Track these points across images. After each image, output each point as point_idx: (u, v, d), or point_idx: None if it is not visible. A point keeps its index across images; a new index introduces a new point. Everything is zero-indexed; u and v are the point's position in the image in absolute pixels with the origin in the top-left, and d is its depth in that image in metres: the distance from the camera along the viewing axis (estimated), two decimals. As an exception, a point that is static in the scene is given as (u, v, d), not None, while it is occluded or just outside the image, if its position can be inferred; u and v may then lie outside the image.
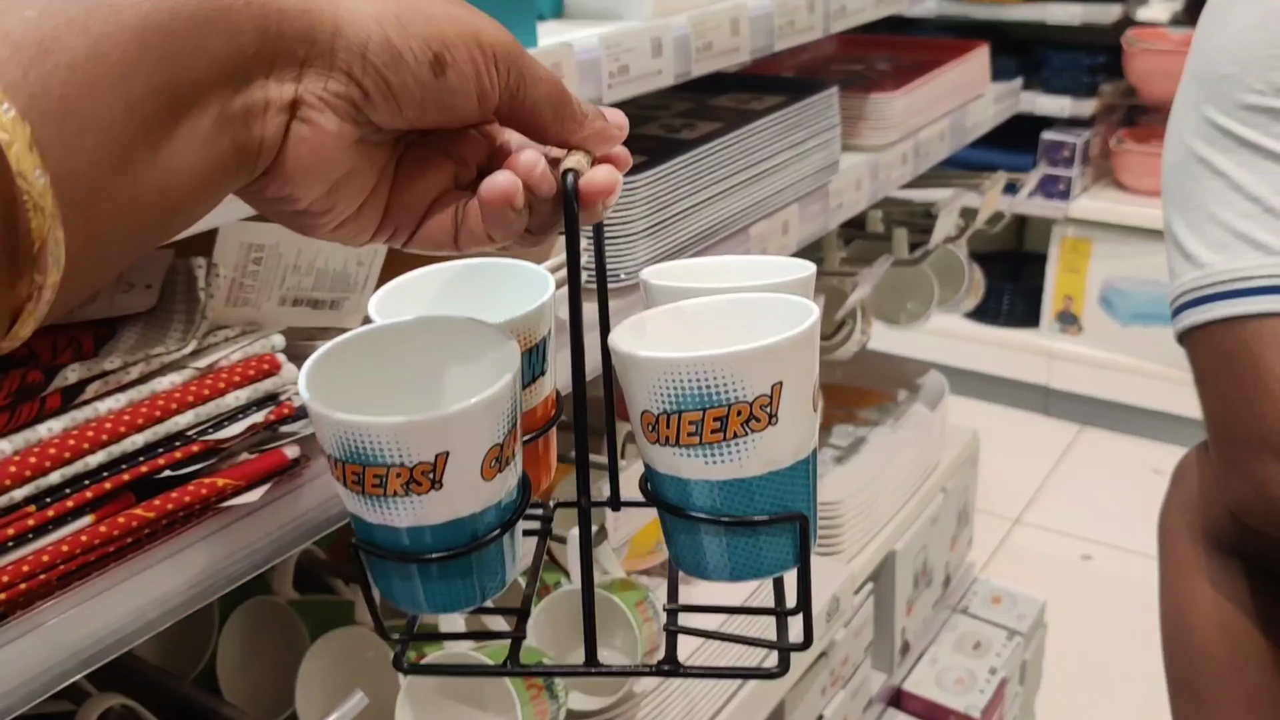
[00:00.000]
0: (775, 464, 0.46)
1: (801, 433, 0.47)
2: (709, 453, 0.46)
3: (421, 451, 0.43)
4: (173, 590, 0.66)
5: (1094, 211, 2.73)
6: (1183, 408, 2.70)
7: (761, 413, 0.45)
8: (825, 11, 1.14)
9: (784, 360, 0.45)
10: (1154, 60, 2.64)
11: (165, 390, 0.65)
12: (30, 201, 0.30)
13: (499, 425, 0.45)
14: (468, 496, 0.45)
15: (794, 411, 0.46)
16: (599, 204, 0.44)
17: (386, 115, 0.41)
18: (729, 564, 0.49)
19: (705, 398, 0.45)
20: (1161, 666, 1.03)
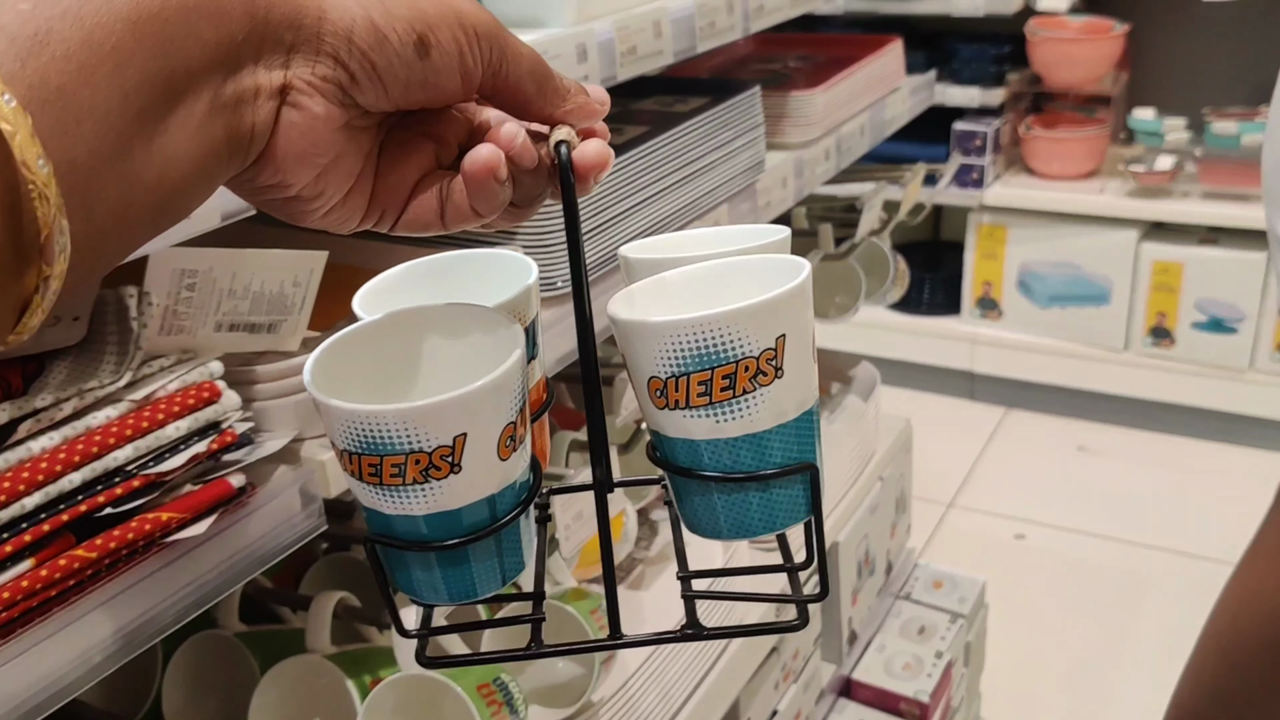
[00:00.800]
0: (783, 416, 0.47)
1: (806, 383, 0.48)
2: (720, 411, 0.46)
3: (440, 435, 0.43)
4: (118, 631, 0.64)
5: (1007, 198, 2.80)
6: (1102, 385, 2.79)
7: (768, 366, 0.46)
8: (744, 11, 1.15)
9: (786, 312, 0.46)
10: (1056, 48, 2.72)
11: (101, 425, 0.63)
12: (35, 191, 0.31)
13: (512, 403, 0.45)
14: (486, 477, 0.45)
15: (798, 362, 0.47)
16: (592, 177, 0.45)
17: (373, 97, 0.41)
18: (745, 521, 0.49)
19: (714, 356, 0.45)
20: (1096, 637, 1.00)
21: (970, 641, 1.78)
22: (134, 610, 0.65)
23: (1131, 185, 2.70)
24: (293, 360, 0.75)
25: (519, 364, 0.45)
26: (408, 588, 0.49)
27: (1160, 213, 2.65)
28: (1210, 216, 2.60)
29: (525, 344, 0.47)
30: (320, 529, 0.75)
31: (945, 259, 3.04)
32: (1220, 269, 2.60)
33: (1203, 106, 2.70)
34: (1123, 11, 2.78)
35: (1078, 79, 2.75)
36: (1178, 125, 2.69)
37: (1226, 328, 2.63)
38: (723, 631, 0.52)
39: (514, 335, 0.47)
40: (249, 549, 0.71)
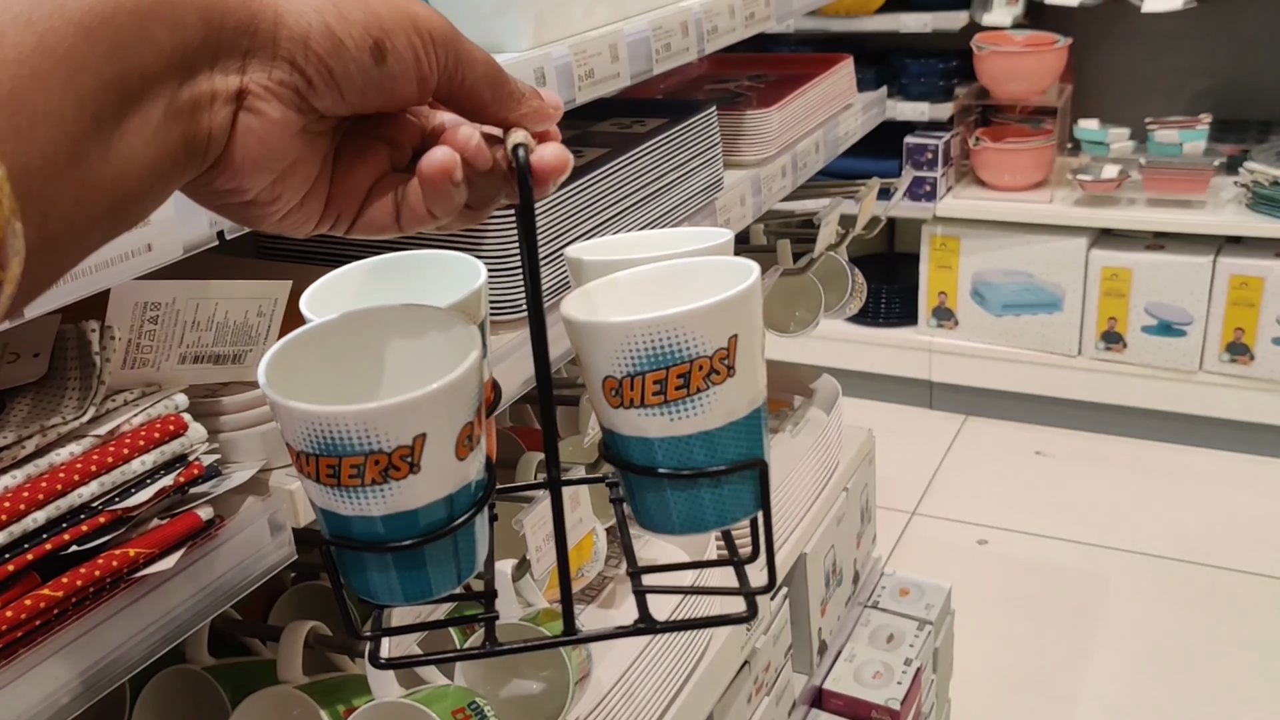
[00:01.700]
0: (735, 413, 0.48)
1: (756, 382, 0.49)
2: (674, 409, 0.47)
3: (400, 435, 0.43)
4: (86, 671, 0.63)
5: (959, 209, 2.84)
6: (1057, 390, 2.83)
7: (721, 365, 0.47)
8: (699, 33, 1.16)
9: (738, 312, 0.47)
10: (1001, 62, 2.77)
11: (65, 462, 0.63)
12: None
13: (470, 403, 0.46)
14: (445, 478, 0.45)
15: (749, 362, 0.48)
16: (551, 180, 0.46)
17: (330, 102, 0.42)
18: (698, 516, 0.50)
19: (668, 356, 0.46)
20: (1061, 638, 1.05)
21: (938, 648, 1.79)
22: (102, 649, 0.64)
23: (1079, 194, 2.75)
24: (259, 390, 0.74)
25: (476, 364, 0.45)
26: (364, 589, 0.48)
27: (1108, 220, 2.71)
28: (1156, 222, 2.66)
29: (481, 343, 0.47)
30: (290, 559, 0.75)
31: (900, 271, 3.08)
32: (1168, 273, 2.66)
33: (1145, 116, 2.76)
34: (1065, 25, 2.84)
35: (1023, 92, 2.81)
36: (1122, 135, 2.75)
37: (1175, 331, 2.69)
38: (675, 625, 0.53)
39: (470, 335, 0.47)
40: (218, 582, 0.70)
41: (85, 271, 0.61)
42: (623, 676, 1.09)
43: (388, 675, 0.87)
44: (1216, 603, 2.21)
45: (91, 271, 0.61)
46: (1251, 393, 2.63)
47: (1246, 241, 2.62)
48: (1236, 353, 2.63)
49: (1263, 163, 2.55)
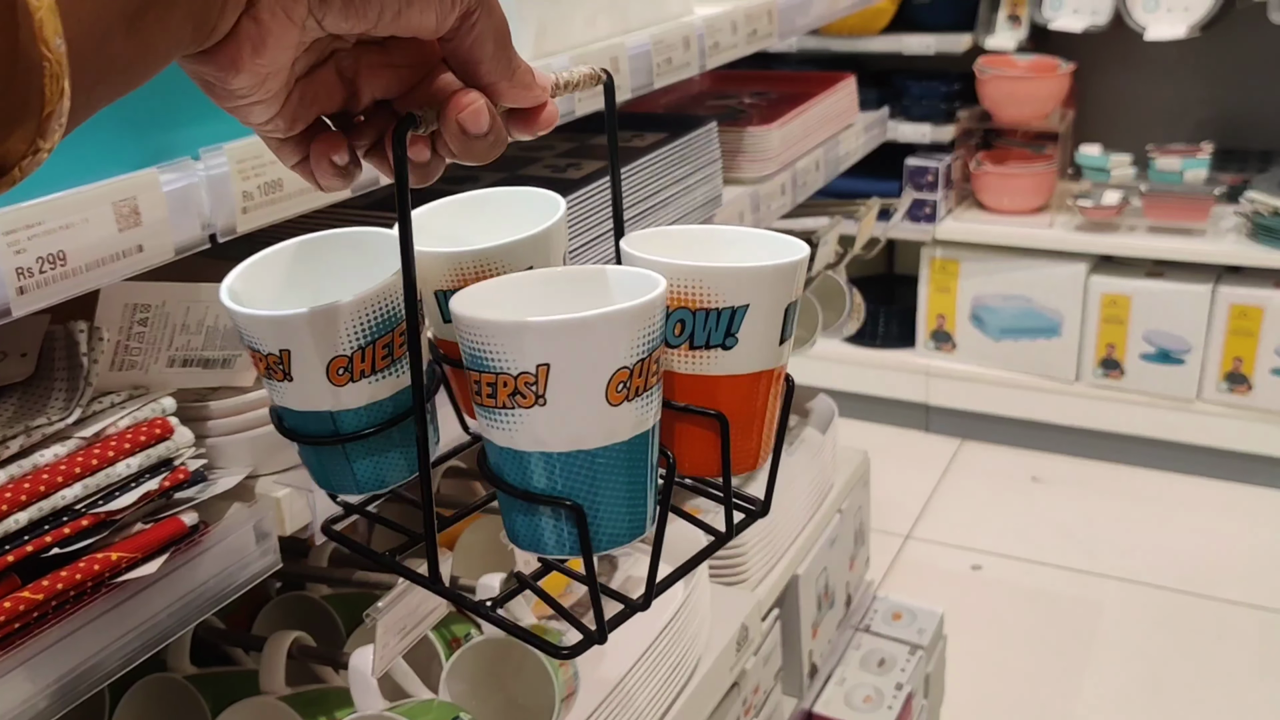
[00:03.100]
0: (546, 445, 0.47)
1: (585, 422, 0.46)
2: (488, 416, 0.48)
3: (270, 344, 0.51)
4: (65, 675, 0.62)
5: (959, 232, 2.84)
6: (1055, 416, 2.82)
7: (527, 390, 0.46)
8: (700, 48, 1.16)
9: (544, 343, 0.45)
10: (1004, 86, 2.77)
11: (49, 463, 0.62)
12: (50, 69, 0.31)
13: (343, 339, 0.51)
14: (318, 394, 0.52)
15: (570, 398, 0.46)
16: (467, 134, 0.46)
17: (340, 20, 0.41)
18: (517, 531, 0.50)
19: (479, 361, 0.46)
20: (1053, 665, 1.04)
21: (930, 673, 1.78)
22: (82, 654, 0.64)
23: (1079, 220, 2.75)
24: (247, 396, 0.74)
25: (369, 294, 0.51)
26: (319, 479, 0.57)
27: (1108, 246, 2.71)
28: (1156, 250, 2.66)
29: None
30: (275, 567, 0.74)
31: (899, 293, 3.07)
32: (1167, 301, 2.65)
33: (1147, 143, 2.77)
34: (1068, 51, 2.85)
35: (1026, 116, 2.81)
36: (1123, 161, 2.75)
37: (1174, 359, 2.68)
38: (500, 621, 0.55)
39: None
40: (201, 589, 0.70)
41: (75, 271, 0.60)
42: (609, 695, 1.08)
43: (371, 687, 0.86)
44: (1210, 633, 2.20)
45: (82, 271, 0.60)
46: (1249, 423, 2.63)
47: (1246, 271, 2.62)
48: (1235, 382, 2.63)
49: (1263, 192, 2.56)
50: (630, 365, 0.46)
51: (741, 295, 0.51)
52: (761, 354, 0.52)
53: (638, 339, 0.46)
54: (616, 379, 0.46)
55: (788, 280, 0.52)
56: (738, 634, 1.35)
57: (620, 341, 0.45)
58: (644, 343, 0.46)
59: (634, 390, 0.47)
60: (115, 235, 0.61)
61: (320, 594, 1.07)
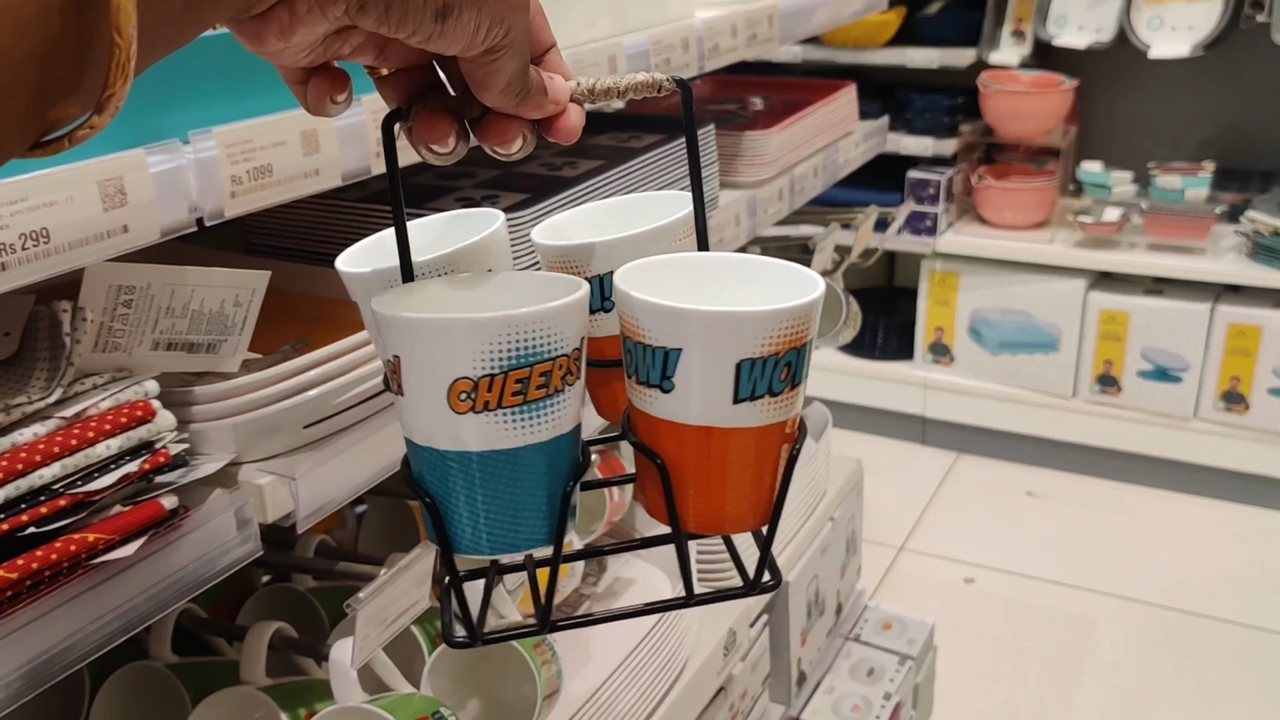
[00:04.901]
0: (410, 432, 0.48)
1: (429, 419, 0.47)
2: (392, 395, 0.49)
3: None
4: (38, 656, 0.62)
5: (959, 246, 2.84)
6: (1051, 431, 2.82)
7: (394, 377, 0.47)
8: (700, 50, 1.16)
9: (397, 336, 0.46)
10: (1007, 101, 2.78)
11: (28, 442, 0.62)
12: (119, 55, 0.31)
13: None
14: None
15: (417, 392, 0.46)
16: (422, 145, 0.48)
17: (371, 26, 0.42)
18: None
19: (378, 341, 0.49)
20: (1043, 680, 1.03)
21: (919, 684, 1.77)
22: (57, 635, 0.63)
23: (1080, 236, 2.75)
24: (233, 381, 0.74)
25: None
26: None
27: (1107, 263, 2.71)
28: (1156, 267, 2.66)
29: None
30: (255, 554, 0.74)
31: (898, 304, 3.07)
32: (1166, 319, 2.65)
33: (1148, 161, 2.77)
34: (1072, 67, 2.85)
35: (1028, 131, 2.81)
36: (1124, 179, 2.75)
37: (1171, 377, 2.68)
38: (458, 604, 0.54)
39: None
40: (180, 574, 0.69)
41: (59, 249, 0.60)
42: (594, 695, 1.08)
43: (351, 680, 0.86)
44: (1203, 652, 2.19)
45: (65, 249, 0.60)
46: (1246, 442, 2.62)
47: (1245, 290, 2.62)
48: (1232, 402, 2.62)
49: (1264, 212, 2.56)
50: (473, 378, 0.45)
51: (672, 338, 0.46)
52: (705, 408, 0.47)
53: (482, 353, 0.45)
54: (458, 388, 0.45)
55: (733, 334, 0.46)
56: (725, 638, 1.35)
57: (460, 352, 0.45)
58: (494, 359, 0.45)
59: (482, 403, 0.45)
60: (100, 215, 0.61)
61: (306, 586, 1.07)
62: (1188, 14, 2.62)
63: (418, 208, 1.02)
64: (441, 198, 1.07)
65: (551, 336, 0.45)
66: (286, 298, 0.90)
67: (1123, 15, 2.67)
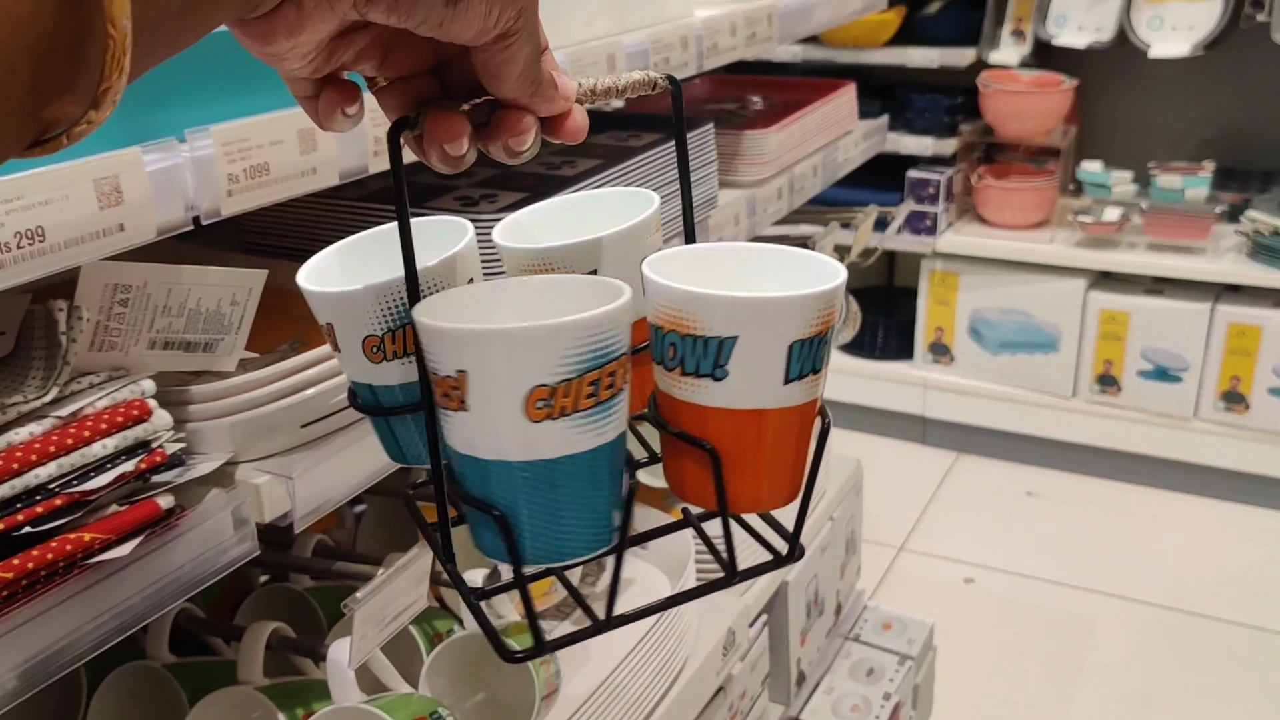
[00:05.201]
0: (473, 449, 0.47)
1: (503, 434, 0.46)
2: (440, 411, 0.48)
3: (321, 319, 0.54)
4: (34, 656, 0.62)
5: (959, 246, 2.84)
6: (1051, 431, 2.82)
7: (454, 393, 0.46)
8: (699, 49, 1.16)
9: (464, 350, 0.45)
10: (1007, 100, 2.77)
11: (23, 441, 0.61)
12: (114, 48, 0.31)
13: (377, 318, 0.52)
14: (357, 367, 0.54)
15: (488, 408, 0.45)
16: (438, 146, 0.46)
17: (380, 15, 0.41)
18: (470, 528, 0.50)
19: (428, 358, 0.47)
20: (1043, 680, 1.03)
21: (919, 684, 1.77)
22: (52, 634, 0.63)
23: (1080, 236, 2.75)
24: (230, 380, 0.73)
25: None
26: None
27: (1107, 263, 2.70)
28: (1156, 267, 2.65)
29: None
30: (252, 554, 0.73)
31: (899, 304, 3.07)
32: (1166, 319, 2.65)
33: (1148, 161, 2.77)
34: (1072, 67, 2.85)
35: (1028, 131, 2.81)
36: (1124, 178, 2.75)
37: (1171, 376, 2.68)
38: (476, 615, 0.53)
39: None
40: (177, 573, 0.69)
41: (54, 248, 0.60)
42: (592, 695, 1.07)
43: (349, 680, 0.86)
44: (1202, 652, 2.19)
45: (61, 248, 0.60)
46: (1246, 442, 2.62)
47: (1246, 290, 2.62)
48: (1232, 401, 2.62)
49: (1264, 212, 2.55)
50: (551, 384, 0.45)
51: (728, 327, 0.47)
52: (759, 391, 0.49)
53: (561, 358, 0.44)
54: (535, 395, 0.45)
55: (789, 316, 0.47)
56: (725, 638, 1.34)
57: (538, 358, 0.44)
58: (571, 362, 0.44)
59: (559, 410, 0.45)
60: (96, 213, 0.60)
61: (303, 586, 1.07)
62: (1188, 13, 2.61)
63: (417, 207, 1.02)
64: (440, 197, 1.06)
65: (617, 335, 0.46)
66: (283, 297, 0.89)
67: (1123, 15, 2.67)
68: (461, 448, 0.47)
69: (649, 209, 0.57)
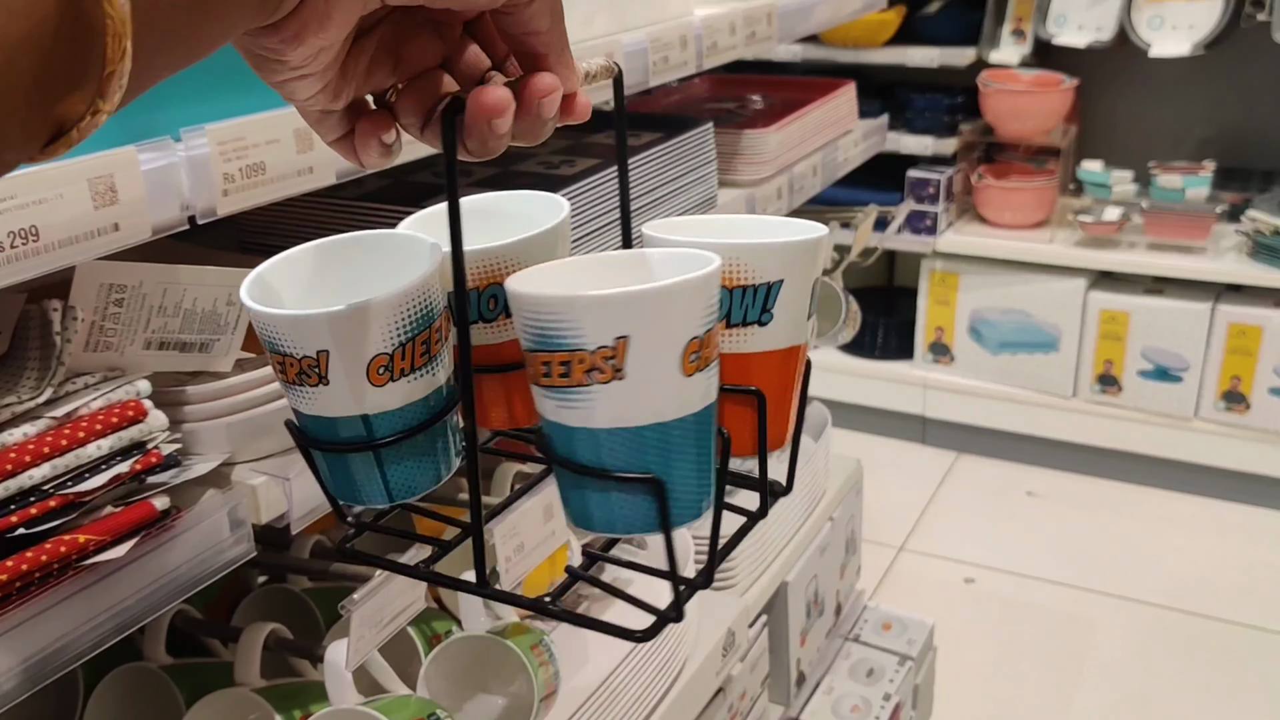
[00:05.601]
0: (623, 420, 0.46)
1: (661, 394, 0.46)
2: (559, 396, 0.46)
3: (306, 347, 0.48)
4: (30, 657, 0.62)
5: (959, 245, 2.83)
6: (1051, 431, 2.81)
7: (605, 364, 0.44)
8: (698, 48, 1.15)
9: (626, 314, 0.44)
10: (1007, 100, 2.77)
11: (17, 442, 0.61)
12: (113, 28, 0.31)
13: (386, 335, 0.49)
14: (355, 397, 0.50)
15: (648, 371, 0.45)
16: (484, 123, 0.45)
17: None
18: (585, 513, 0.49)
19: (551, 340, 0.45)
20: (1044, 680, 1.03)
21: (919, 684, 1.77)
22: (48, 636, 0.63)
23: (1080, 235, 2.75)
24: (226, 381, 0.73)
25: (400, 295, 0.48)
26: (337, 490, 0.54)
27: (1108, 262, 2.70)
28: (1156, 267, 2.65)
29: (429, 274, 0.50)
30: (249, 555, 0.73)
31: (899, 304, 3.07)
32: (1166, 318, 2.65)
33: (1149, 160, 2.76)
34: (1072, 66, 2.84)
35: (1028, 130, 2.81)
36: (1125, 178, 2.75)
37: (1172, 376, 2.67)
38: (569, 616, 0.52)
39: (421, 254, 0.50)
40: (173, 575, 0.69)
41: (48, 247, 0.59)
42: (591, 697, 1.07)
43: (346, 681, 0.85)
44: (1202, 652, 2.19)
45: (55, 248, 0.59)
46: (1246, 442, 2.61)
47: (1246, 290, 2.62)
48: (1233, 401, 2.62)
49: (1264, 212, 2.55)
50: (700, 335, 0.46)
51: (777, 271, 0.51)
52: (793, 329, 0.53)
53: (707, 308, 0.46)
54: (690, 349, 0.46)
55: (815, 255, 0.53)
56: (724, 639, 1.34)
57: (694, 310, 0.45)
58: (711, 311, 0.47)
59: (704, 360, 0.47)
60: (91, 213, 0.60)
61: (301, 587, 1.06)
62: (1188, 13, 2.61)
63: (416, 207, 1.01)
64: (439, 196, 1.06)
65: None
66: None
67: (1123, 14, 2.66)
68: (606, 422, 0.46)
69: (559, 214, 0.57)
